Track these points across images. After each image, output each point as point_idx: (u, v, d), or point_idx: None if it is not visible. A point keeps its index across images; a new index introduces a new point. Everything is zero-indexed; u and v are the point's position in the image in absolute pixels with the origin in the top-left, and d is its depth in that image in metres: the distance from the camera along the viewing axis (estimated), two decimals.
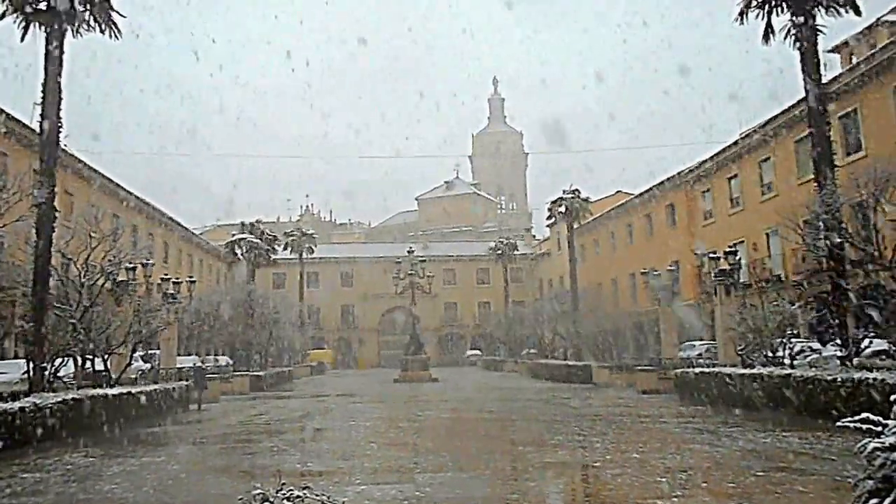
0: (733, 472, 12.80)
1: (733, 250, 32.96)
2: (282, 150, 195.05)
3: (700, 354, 37.98)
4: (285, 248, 72.18)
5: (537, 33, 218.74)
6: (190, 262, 67.43)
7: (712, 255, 32.94)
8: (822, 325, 27.68)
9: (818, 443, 15.55)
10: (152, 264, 34.50)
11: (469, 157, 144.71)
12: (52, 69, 23.88)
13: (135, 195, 51.59)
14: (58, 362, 23.38)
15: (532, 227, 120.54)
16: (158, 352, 35.85)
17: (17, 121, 35.71)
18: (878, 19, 42.07)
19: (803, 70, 26.84)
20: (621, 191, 73.20)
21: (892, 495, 5.42)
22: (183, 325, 39.62)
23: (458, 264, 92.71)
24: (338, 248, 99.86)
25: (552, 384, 43.15)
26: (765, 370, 23.48)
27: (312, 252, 78.08)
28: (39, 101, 23.89)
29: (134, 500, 11.75)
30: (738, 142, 47.29)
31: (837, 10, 27.19)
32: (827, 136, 26.46)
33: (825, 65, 28.58)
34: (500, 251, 78.29)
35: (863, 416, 6.00)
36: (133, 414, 23.61)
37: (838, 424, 6.30)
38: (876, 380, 17.45)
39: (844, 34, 42.94)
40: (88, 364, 25.60)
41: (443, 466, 14.58)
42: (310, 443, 19.21)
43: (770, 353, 25.83)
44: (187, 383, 30.80)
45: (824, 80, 28.05)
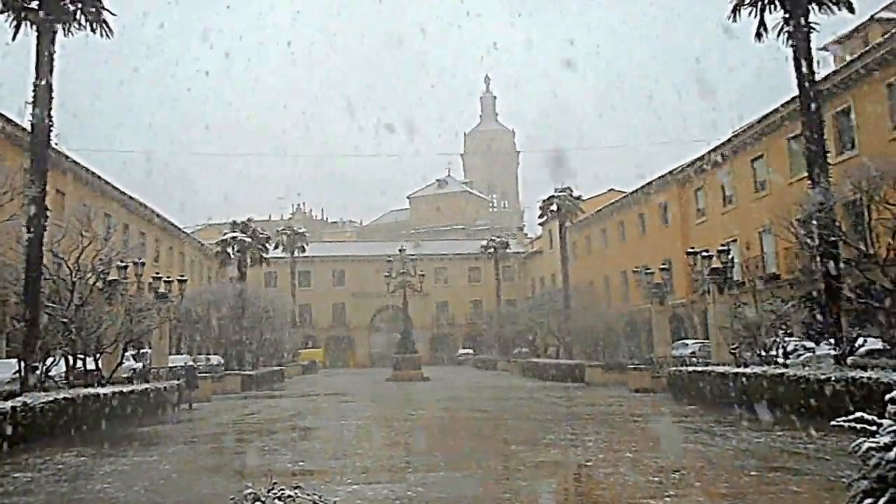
0: (727, 472, 12.83)
1: (726, 249, 33.02)
2: (273, 148, 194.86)
3: (693, 353, 38.06)
4: (277, 247, 72.14)
5: (530, 32, 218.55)
6: (181, 260, 67.20)
7: (705, 254, 33.00)
8: (815, 324, 27.72)
9: (812, 442, 15.59)
10: (143, 263, 34.42)
11: (461, 155, 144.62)
12: (43, 68, 23.84)
13: (126, 194, 51.42)
14: (49, 362, 23.34)
15: (524, 225, 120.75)
16: (149, 351, 35.81)
17: (8, 119, 35.55)
18: (872, 16, 42.11)
19: (796, 67, 26.88)
20: (613, 189, 73.13)
21: (886, 495, 5.43)
22: (174, 324, 39.55)
23: (450, 263, 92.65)
24: (329, 246, 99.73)
25: (544, 383, 43.21)
26: (758, 369, 23.55)
27: (304, 251, 78.12)
28: (31, 99, 23.86)
29: (125, 499, 11.74)
30: (730, 139, 47.32)
31: (830, 8, 27.23)
32: (820, 133, 26.49)
33: (818, 62, 28.64)
34: (491, 249, 78.25)
35: (857, 415, 6.01)
36: (124, 413, 23.57)
37: (832, 424, 6.32)
38: (870, 379, 17.51)
39: (838, 31, 43.03)
40: (80, 363, 25.55)
41: (435, 466, 14.59)
42: (301, 442, 19.20)
43: (763, 352, 25.90)
44: (178, 382, 30.77)
45: (817, 78, 28.09)
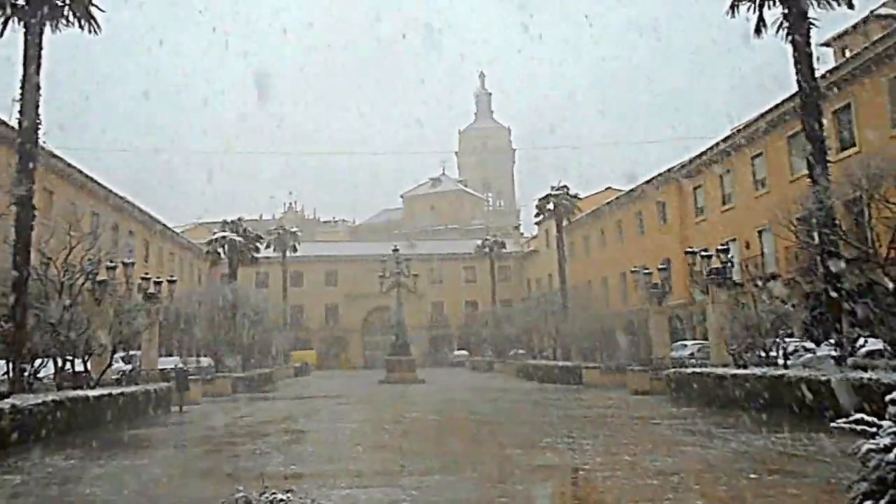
0: (726, 475, 12.87)
1: (725, 248, 33.08)
2: (264, 146, 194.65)
3: (692, 354, 38.06)
4: (268, 247, 71.90)
5: (526, 27, 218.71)
6: (171, 261, 67.15)
7: (704, 253, 33.06)
8: (815, 325, 27.79)
9: (812, 444, 15.64)
10: (132, 263, 34.38)
11: (455, 153, 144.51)
12: (31, 65, 23.85)
13: (115, 193, 51.39)
14: (37, 363, 23.34)
15: (520, 224, 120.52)
16: (139, 353, 35.77)
17: None
18: (871, 12, 42.20)
19: (796, 64, 26.95)
20: (611, 187, 73.14)
21: (886, 497, 5.47)
22: (164, 325, 39.52)
23: (445, 263, 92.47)
24: (322, 246, 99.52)
25: (541, 385, 43.26)
26: (758, 370, 23.60)
27: (296, 250, 78.00)
28: (18, 97, 23.86)
29: (115, 503, 11.76)
30: (730, 137, 47.39)
31: (830, 4, 27.34)
32: (820, 131, 26.59)
33: (818, 58, 28.72)
34: (487, 249, 78.26)
35: (857, 416, 6.05)
36: (114, 416, 23.58)
37: (832, 425, 6.35)
38: (871, 380, 17.56)
39: (838, 27, 43.12)
40: (68, 365, 25.54)
41: (430, 469, 14.62)
42: (293, 445, 19.21)
43: (763, 353, 25.96)
44: (168, 385, 30.76)
45: (817, 75, 28.17)
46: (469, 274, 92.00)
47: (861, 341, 24.49)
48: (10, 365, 21.99)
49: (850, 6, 27.79)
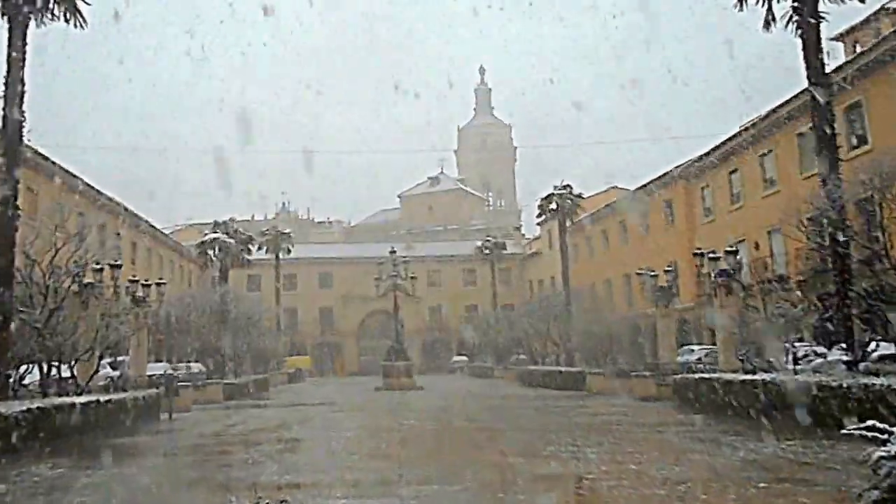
0: (734, 484, 12.88)
1: (734, 249, 33.09)
2: (257, 145, 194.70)
3: (699, 359, 38.10)
4: (260, 248, 72.02)
5: (527, 22, 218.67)
6: (160, 263, 67.22)
7: (712, 255, 33.07)
8: (826, 328, 27.78)
9: (822, 452, 15.65)
10: (120, 266, 34.35)
11: (454, 151, 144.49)
12: (15, 61, 23.85)
13: (102, 192, 51.41)
14: (22, 369, 23.35)
15: (521, 225, 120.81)
16: (127, 358, 35.75)
17: None
18: (883, 6, 42.25)
19: (805, 59, 26.97)
20: (616, 186, 73.26)
21: None
22: (153, 330, 39.52)
23: (443, 265, 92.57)
24: (316, 248, 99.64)
25: (543, 391, 43.26)
26: (767, 376, 23.61)
27: (289, 252, 77.93)
28: (1, 94, 23.86)
29: None
30: (738, 135, 47.43)
31: None
32: (831, 128, 26.58)
33: (828, 53, 28.72)
34: (487, 251, 78.33)
35: (869, 423, 6.07)
36: (101, 423, 23.56)
37: (843, 432, 6.38)
38: (883, 386, 17.57)
39: (849, 22, 43.15)
40: (54, 371, 25.55)
41: (428, 479, 14.63)
42: (287, 454, 19.20)
43: (772, 358, 25.97)
44: (158, 391, 30.76)
45: (828, 70, 28.18)
46: (469, 276, 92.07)
47: (873, 345, 24.52)
48: None
49: (861, 0, 27.81)
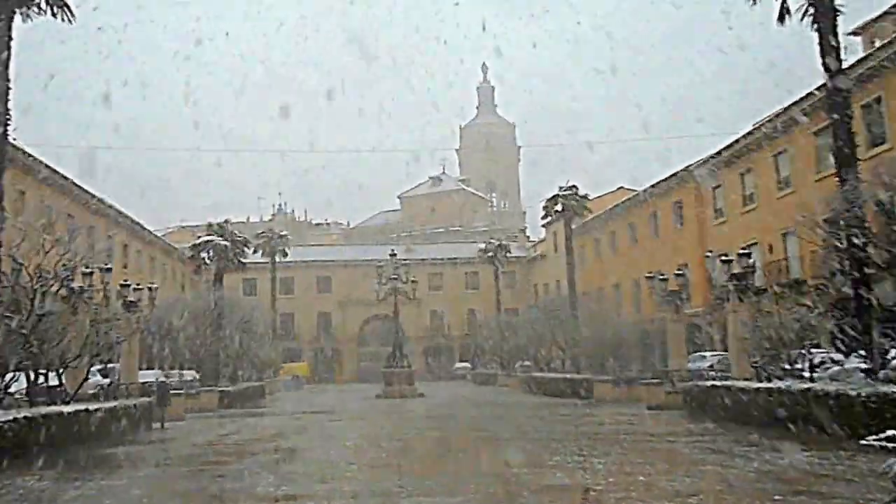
0: (748, 496, 12.86)
1: (747, 252, 33.03)
2: (251, 144, 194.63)
3: (711, 366, 37.99)
4: (256, 251, 71.87)
5: (532, 17, 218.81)
6: (152, 266, 67.22)
7: (724, 258, 33.00)
8: (844, 335, 27.71)
9: (840, 463, 15.62)
10: (110, 269, 34.33)
11: (456, 150, 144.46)
12: (0, 56, 23.86)
13: (91, 193, 51.40)
14: (8, 377, 23.30)
15: (526, 226, 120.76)
16: (118, 365, 35.72)
17: None
18: None
19: (822, 54, 26.94)
20: (623, 187, 73.17)
21: None
22: (144, 335, 39.49)
23: (446, 268, 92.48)
24: (314, 250, 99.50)
25: (549, 399, 43.23)
26: (782, 384, 23.55)
27: (286, 255, 77.83)
28: None
29: None
30: (751, 132, 47.35)
31: None
32: (848, 126, 26.56)
33: (846, 48, 28.69)
34: (491, 253, 78.27)
35: (889, 433, 6.05)
36: (90, 433, 23.53)
37: (862, 443, 6.37)
38: None
39: (866, 15, 43.05)
40: (42, 379, 25.51)
41: (430, 490, 14.61)
42: (284, 465, 19.20)
43: (788, 366, 25.90)
44: (149, 400, 30.72)
45: (845, 65, 28.15)
46: (471, 280, 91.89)
47: (893, 353, 24.46)
48: None
49: None
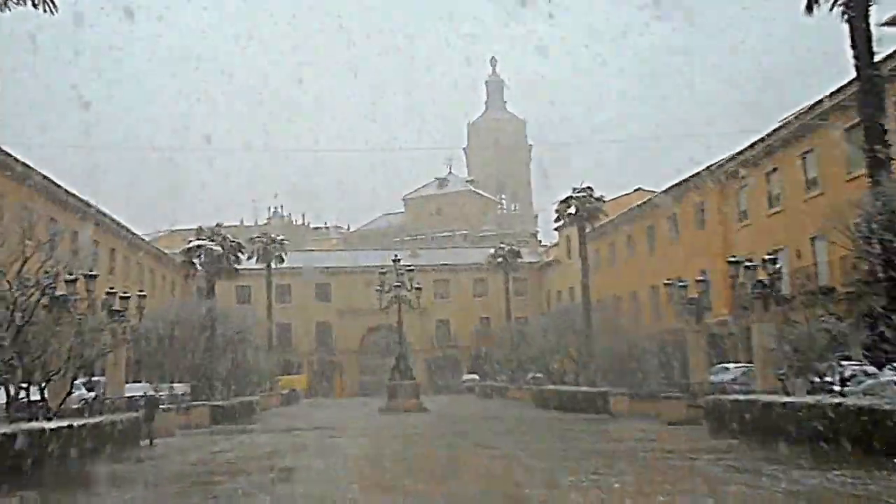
0: None
1: (773, 258, 32.95)
2: (246, 142, 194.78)
3: (735, 379, 37.88)
4: (250, 257, 71.82)
5: (543, 12, 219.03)
6: (140, 273, 67.27)
7: (749, 264, 32.90)
8: (877, 346, 27.61)
9: (873, 483, 15.55)
10: (96, 276, 34.26)
11: (464, 149, 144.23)
12: None
13: (75, 196, 51.40)
14: None
15: (538, 230, 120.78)
16: (103, 379, 35.72)
17: None
18: None
19: (853, 47, 26.87)
20: (641, 188, 73.08)
21: None
22: (132, 347, 39.49)
23: (452, 274, 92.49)
24: (312, 256, 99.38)
25: (562, 414, 43.21)
26: (811, 398, 23.47)
27: (282, 261, 77.83)
28: None
29: None
30: (777, 130, 47.28)
31: None
32: (881, 123, 26.49)
33: (879, 39, 28.62)
34: (500, 259, 78.29)
35: None
36: (74, 451, 23.47)
37: None
38: None
39: None
40: (22, 393, 25.48)
41: None
42: (281, 485, 19.17)
43: (817, 379, 25.81)
44: (137, 415, 30.69)
45: (877, 58, 28.08)
46: (480, 287, 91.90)
47: None
48: None
49: None
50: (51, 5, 26.42)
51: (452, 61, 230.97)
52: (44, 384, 26.00)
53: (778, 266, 32.92)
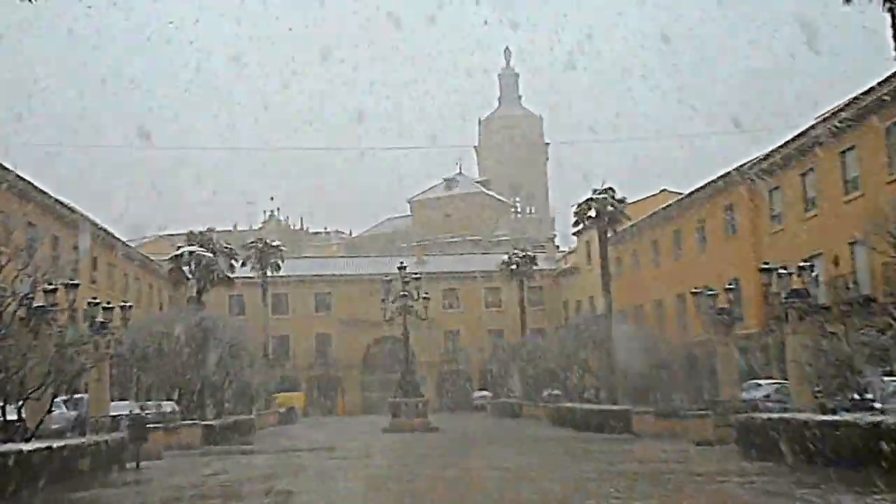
0: None
1: (809, 265, 32.92)
2: (241, 142, 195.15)
3: (768, 396, 37.85)
4: (244, 264, 71.80)
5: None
6: (125, 281, 67.34)
7: (783, 271, 32.88)
8: None
9: None
10: (77, 285, 34.36)
11: (475, 147, 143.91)
12: None
13: (55, 199, 51.48)
14: None
15: (555, 235, 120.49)
16: (86, 396, 35.78)
17: None
18: None
19: (894, 37, 26.88)
20: (667, 189, 72.98)
21: None
22: (117, 361, 39.55)
23: (462, 283, 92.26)
24: (311, 263, 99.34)
25: (581, 433, 43.21)
26: (849, 416, 23.44)
27: (279, 269, 77.68)
28: None
29: None
30: (813, 127, 47.20)
31: None
32: None
33: None
34: (514, 266, 78.16)
35: None
36: (54, 474, 23.52)
37: None
38: None
39: None
40: None
41: None
42: None
43: (857, 395, 25.77)
44: (122, 435, 30.73)
45: None
46: (492, 296, 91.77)
47: None
48: None
49: None
50: None
51: (464, 52, 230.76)
52: (21, 402, 26.06)
53: (814, 274, 32.91)
